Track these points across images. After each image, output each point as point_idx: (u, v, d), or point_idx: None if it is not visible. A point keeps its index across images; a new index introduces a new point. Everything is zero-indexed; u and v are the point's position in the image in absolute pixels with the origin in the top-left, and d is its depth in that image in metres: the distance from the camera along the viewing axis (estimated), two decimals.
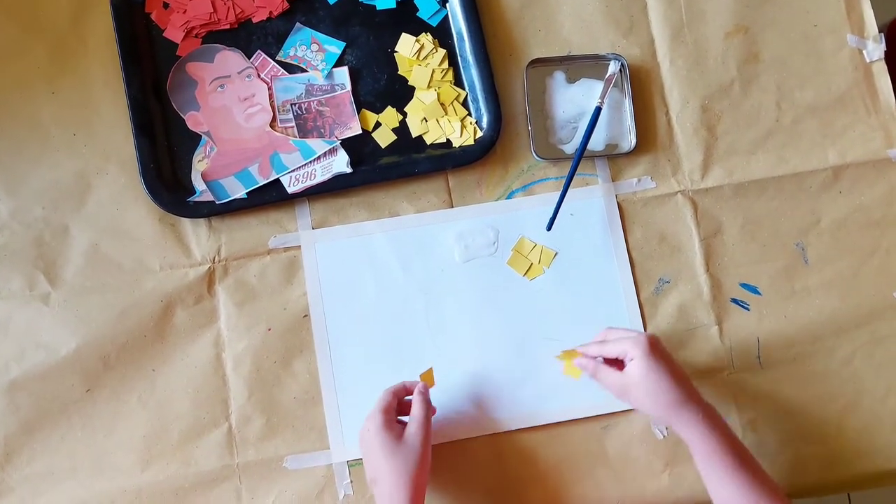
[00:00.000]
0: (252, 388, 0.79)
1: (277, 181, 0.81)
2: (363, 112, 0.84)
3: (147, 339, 0.78)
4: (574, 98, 0.86)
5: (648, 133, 0.85)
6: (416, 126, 0.84)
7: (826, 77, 0.87)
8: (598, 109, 0.84)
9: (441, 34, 0.85)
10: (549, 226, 0.81)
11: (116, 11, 0.81)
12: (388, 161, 0.83)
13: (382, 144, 0.83)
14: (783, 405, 0.81)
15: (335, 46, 0.84)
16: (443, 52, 0.85)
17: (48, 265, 0.79)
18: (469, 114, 0.84)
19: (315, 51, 0.84)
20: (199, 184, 0.81)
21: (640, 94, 0.86)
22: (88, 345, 0.78)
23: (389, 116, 0.84)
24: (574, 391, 0.80)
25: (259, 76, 0.83)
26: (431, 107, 0.84)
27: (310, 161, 0.81)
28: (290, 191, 0.81)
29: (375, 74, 0.84)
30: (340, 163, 0.81)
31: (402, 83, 0.84)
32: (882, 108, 0.87)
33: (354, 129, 0.83)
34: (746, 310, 0.83)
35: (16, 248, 0.79)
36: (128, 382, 0.78)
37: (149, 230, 0.80)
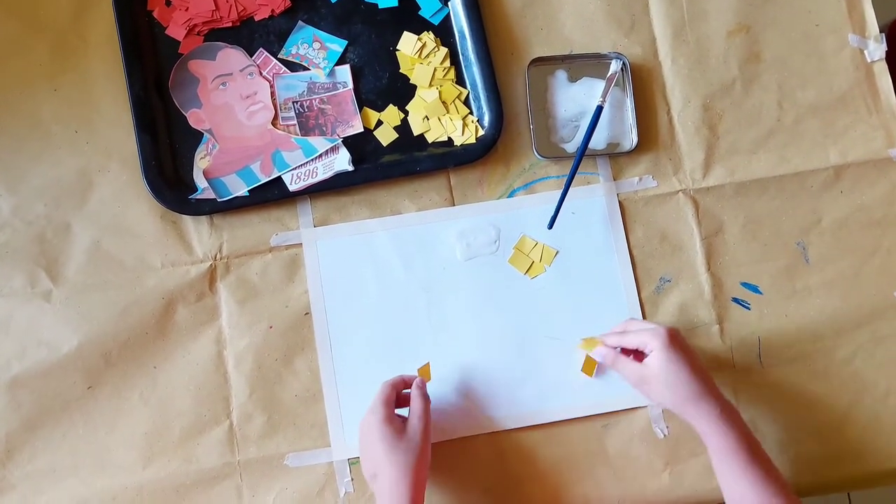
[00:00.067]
0: (253, 386, 0.79)
1: (279, 179, 0.81)
2: (365, 110, 0.84)
3: (149, 337, 0.78)
4: (575, 97, 0.86)
5: (650, 132, 0.86)
6: (418, 124, 0.84)
7: (827, 77, 0.87)
8: (600, 108, 0.84)
9: (443, 33, 0.85)
10: (551, 224, 0.81)
11: (118, 8, 0.81)
12: (390, 159, 0.83)
13: (384, 143, 0.83)
14: (784, 404, 0.81)
15: (337, 44, 0.84)
16: (444, 51, 0.85)
17: (50, 262, 0.79)
18: (471, 112, 0.84)
19: (317, 49, 0.84)
20: (201, 181, 0.81)
21: (642, 93, 0.86)
22: (90, 342, 0.78)
23: (391, 115, 0.84)
24: (575, 390, 0.80)
25: (261, 74, 0.83)
26: (433, 105, 0.84)
27: (311, 159, 0.81)
28: (292, 189, 0.81)
29: (377, 73, 0.84)
30: (342, 161, 0.81)
31: (404, 81, 0.84)
32: (883, 108, 0.87)
33: (356, 128, 0.83)
34: (747, 309, 0.83)
35: (17, 246, 0.79)
36: (129, 380, 0.78)
37: (150, 227, 0.80)
